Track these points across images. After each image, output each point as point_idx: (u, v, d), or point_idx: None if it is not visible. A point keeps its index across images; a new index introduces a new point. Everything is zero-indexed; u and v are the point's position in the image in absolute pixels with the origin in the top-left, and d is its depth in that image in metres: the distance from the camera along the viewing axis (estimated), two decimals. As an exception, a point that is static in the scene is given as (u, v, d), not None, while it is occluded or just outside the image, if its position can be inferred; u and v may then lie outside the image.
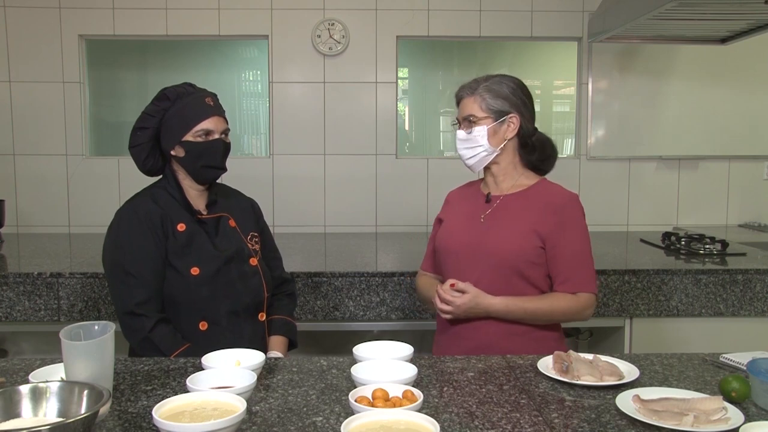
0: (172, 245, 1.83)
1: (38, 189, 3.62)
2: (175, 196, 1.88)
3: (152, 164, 1.89)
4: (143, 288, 1.78)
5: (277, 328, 1.99)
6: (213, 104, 1.87)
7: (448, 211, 2.04)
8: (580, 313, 1.82)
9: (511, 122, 1.86)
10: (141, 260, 1.79)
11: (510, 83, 1.87)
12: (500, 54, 4.09)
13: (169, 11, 3.56)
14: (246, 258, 1.93)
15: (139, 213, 1.83)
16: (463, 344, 1.84)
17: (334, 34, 3.59)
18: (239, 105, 4.04)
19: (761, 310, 2.59)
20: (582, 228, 1.85)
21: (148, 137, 1.85)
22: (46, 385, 1.22)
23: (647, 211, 3.77)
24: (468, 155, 1.91)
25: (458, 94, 1.93)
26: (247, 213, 2.03)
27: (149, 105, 1.86)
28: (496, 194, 1.92)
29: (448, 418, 1.27)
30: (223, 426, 1.10)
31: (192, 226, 1.86)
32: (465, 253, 1.86)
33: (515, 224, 1.83)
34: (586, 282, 1.81)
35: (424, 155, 3.88)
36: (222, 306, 1.85)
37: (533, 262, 1.81)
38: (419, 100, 4.17)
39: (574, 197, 1.87)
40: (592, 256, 1.86)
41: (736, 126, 3.77)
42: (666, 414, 1.24)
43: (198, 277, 1.81)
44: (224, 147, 1.88)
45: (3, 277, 2.51)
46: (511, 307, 1.78)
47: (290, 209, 3.67)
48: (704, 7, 2.71)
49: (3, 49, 3.55)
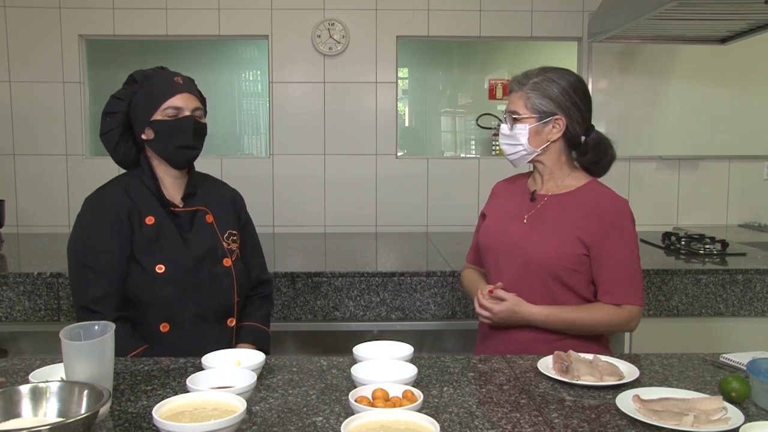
0: (138, 239, 1.72)
1: (38, 189, 3.62)
2: (148, 186, 1.78)
3: (124, 152, 1.79)
4: (102, 283, 1.69)
5: (246, 335, 1.86)
6: (182, 82, 1.78)
7: (493, 205, 1.97)
8: (625, 326, 1.76)
9: (556, 124, 1.77)
10: (102, 253, 1.70)
11: (562, 81, 1.76)
12: (500, 54, 4.09)
13: (169, 11, 3.56)
14: (219, 258, 1.81)
15: (105, 203, 1.74)
16: (499, 348, 1.79)
17: (334, 34, 3.59)
18: (239, 105, 4.04)
19: (761, 310, 2.59)
20: (629, 236, 1.77)
21: (118, 122, 1.76)
22: (46, 385, 1.22)
23: (647, 211, 3.76)
24: (509, 151, 1.84)
25: (510, 85, 1.85)
26: (227, 208, 1.90)
27: (119, 90, 1.78)
28: (542, 193, 1.85)
29: (448, 418, 1.27)
30: (223, 426, 1.10)
31: (162, 220, 1.76)
32: (505, 253, 1.82)
33: (558, 229, 1.77)
34: (631, 294, 1.74)
35: (424, 155, 3.88)
36: (187, 308, 1.74)
37: (573, 269, 1.74)
38: (419, 100, 4.17)
39: (623, 203, 1.80)
40: (639, 266, 1.78)
41: (736, 126, 3.77)
42: (666, 414, 1.24)
43: (163, 275, 1.71)
44: (196, 125, 1.77)
45: (3, 277, 2.51)
46: (550, 318, 1.73)
47: (290, 209, 3.67)
48: (704, 7, 2.71)
49: (3, 49, 3.55)
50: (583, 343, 1.73)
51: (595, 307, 1.76)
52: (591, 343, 1.77)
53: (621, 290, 1.74)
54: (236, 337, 1.87)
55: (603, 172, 1.88)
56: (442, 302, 2.58)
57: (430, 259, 2.93)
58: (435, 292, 2.57)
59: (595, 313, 1.74)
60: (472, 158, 3.77)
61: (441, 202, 3.66)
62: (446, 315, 2.59)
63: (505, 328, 1.80)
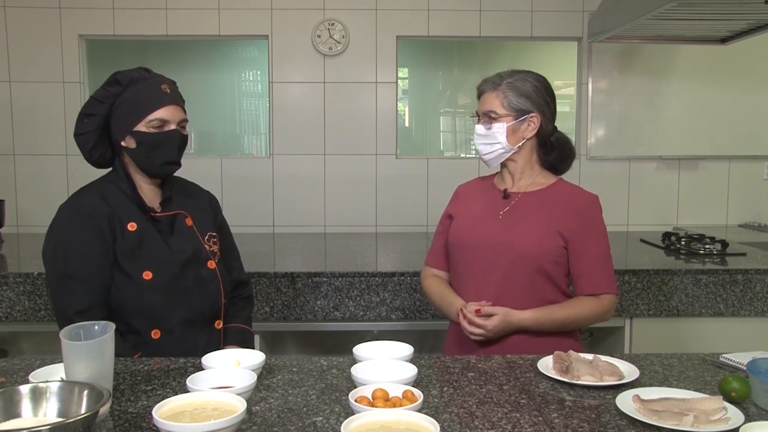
0: (121, 246, 1.66)
1: (38, 189, 3.62)
2: (125, 192, 1.71)
3: (100, 155, 1.72)
4: (85, 294, 1.62)
5: (232, 337, 1.84)
6: (170, 91, 1.70)
7: (460, 205, 2.00)
8: (604, 316, 1.82)
9: (532, 121, 1.83)
10: (84, 263, 1.63)
11: (534, 81, 1.83)
12: (500, 54, 4.09)
13: (169, 11, 3.56)
14: (203, 261, 1.77)
15: (82, 211, 1.66)
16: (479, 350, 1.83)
17: (334, 34, 3.59)
18: (239, 105, 4.04)
19: (761, 310, 2.59)
20: (603, 230, 1.85)
21: (96, 125, 1.67)
22: (46, 385, 1.22)
23: (647, 211, 3.77)
24: (485, 151, 1.87)
25: (480, 87, 1.88)
26: (204, 210, 1.86)
27: (99, 90, 1.69)
28: (514, 191, 1.89)
29: (448, 418, 1.27)
30: (223, 426, 1.10)
31: (144, 225, 1.70)
32: (485, 248, 1.84)
33: (538, 222, 1.82)
34: (607, 284, 1.82)
35: (424, 155, 3.88)
36: (176, 314, 1.70)
37: (556, 261, 1.80)
38: (419, 100, 4.17)
39: (595, 199, 1.87)
40: (611, 257, 1.86)
41: (736, 126, 3.77)
42: (666, 414, 1.24)
43: (151, 281, 1.66)
44: (181, 139, 1.71)
45: (3, 277, 2.50)
46: (540, 321, 1.77)
47: (290, 209, 3.67)
48: (704, 7, 2.71)
49: (3, 49, 3.55)
50: (560, 339, 1.80)
51: (578, 302, 1.82)
52: (567, 338, 1.83)
53: (600, 281, 1.82)
54: (223, 338, 1.84)
55: (567, 170, 1.95)
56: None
57: (430, 259, 2.93)
58: (435, 292, 2.57)
59: (579, 308, 1.80)
60: (472, 158, 3.77)
61: (441, 202, 3.60)
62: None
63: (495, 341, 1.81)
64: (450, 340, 1.97)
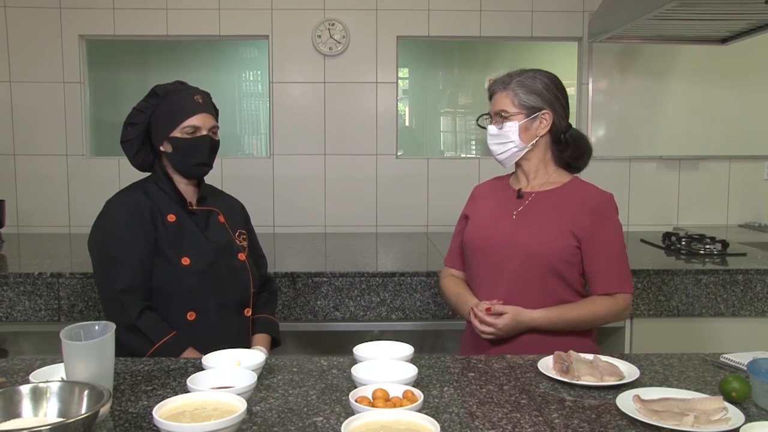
0: (162, 235, 1.83)
1: (38, 189, 3.62)
2: (165, 190, 1.90)
3: (143, 159, 1.91)
4: (130, 274, 1.78)
5: (261, 326, 2.00)
6: (202, 101, 1.88)
7: (475, 206, 2.00)
8: (619, 315, 1.81)
9: (544, 118, 1.83)
10: (129, 248, 1.79)
11: (544, 78, 1.84)
12: (500, 54, 4.09)
13: (169, 11, 3.56)
14: (235, 253, 1.94)
15: (128, 203, 1.85)
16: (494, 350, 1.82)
17: (335, 34, 3.59)
18: (239, 105, 4.04)
19: (761, 310, 2.59)
20: (617, 228, 1.83)
21: (138, 132, 1.87)
22: (46, 385, 1.22)
23: (647, 211, 3.77)
24: (499, 151, 1.88)
25: (490, 88, 1.89)
26: (236, 212, 2.05)
27: (140, 101, 1.89)
28: (528, 191, 1.89)
29: (449, 418, 1.27)
30: (224, 426, 1.10)
31: (182, 217, 1.87)
32: (498, 249, 1.83)
33: (550, 222, 1.81)
34: (623, 283, 1.81)
35: (425, 155, 3.88)
36: (211, 297, 1.85)
37: (569, 261, 1.78)
38: (419, 100, 4.17)
39: (609, 197, 1.86)
40: (626, 256, 1.84)
41: (736, 126, 3.77)
42: (666, 414, 1.24)
43: (189, 267, 1.82)
44: (211, 144, 1.89)
45: (3, 277, 2.51)
46: (553, 320, 1.76)
47: (290, 209, 3.67)
48: (704, 7, 2.71)
49: (3, 49, 3.55)
50: (575, 339, 1.78)
51: (593, 301, 1.80)
52: (583, 338, 1.82)
53: (615, 280, 1.80)
54: (252, 328, 1.98)
55: (583, 167, 1.94)
56: (442, 302, 2.57)
57: (430, 259, 2.93)
58: (435, 292, 2.57)
59: (593, 307, 1.78)
60: (472, 158, 3.77)
61: (441, 202, 3.65)
62: (446, 315, 2.58)
63: (505, 341, 1.81)
64: (465, 339, 1.97)
